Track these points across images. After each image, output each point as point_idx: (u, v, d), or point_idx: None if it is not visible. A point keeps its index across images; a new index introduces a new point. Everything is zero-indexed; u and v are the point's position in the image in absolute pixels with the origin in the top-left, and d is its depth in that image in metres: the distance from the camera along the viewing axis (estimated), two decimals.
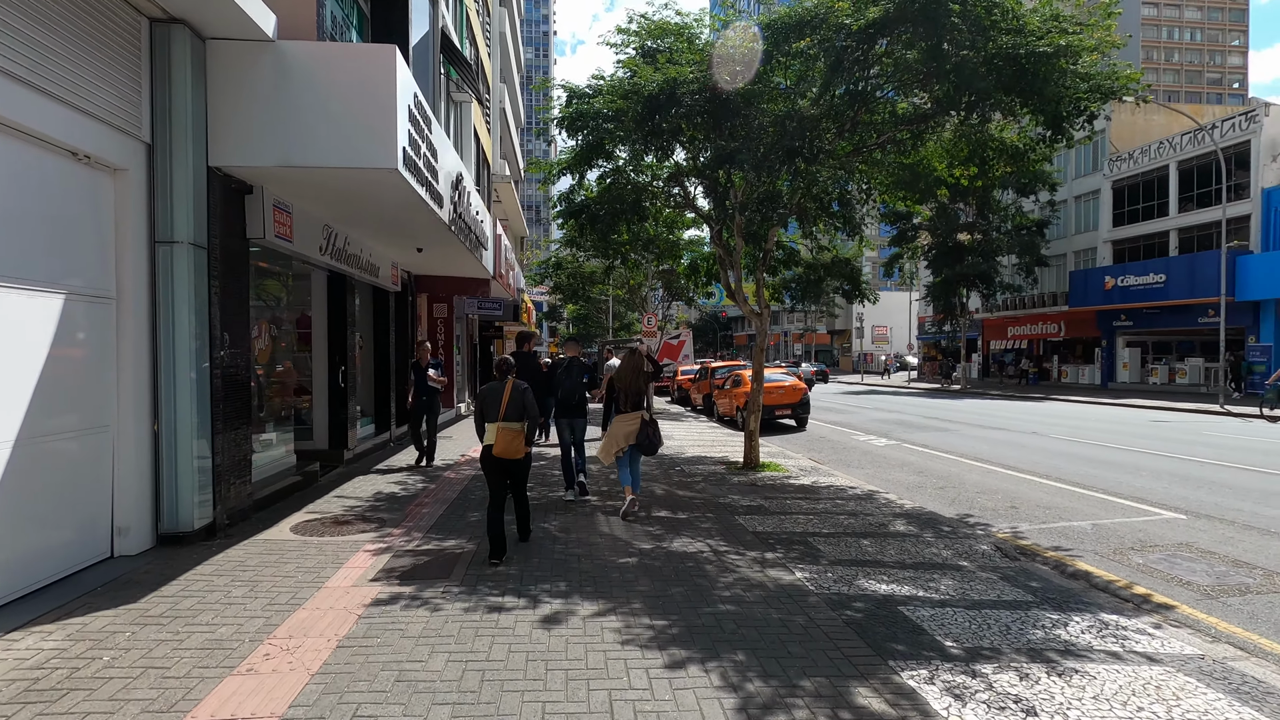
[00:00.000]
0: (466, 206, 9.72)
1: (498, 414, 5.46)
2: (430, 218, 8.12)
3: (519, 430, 5.49)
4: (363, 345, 11.13)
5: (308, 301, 9.48)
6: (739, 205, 8.78)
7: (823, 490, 8.72)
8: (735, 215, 8.93)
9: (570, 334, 62.95)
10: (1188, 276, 28.15)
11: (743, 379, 17.36)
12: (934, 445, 13.34)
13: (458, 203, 8.99)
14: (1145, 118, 35.46)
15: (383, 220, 8.64)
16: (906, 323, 55.96)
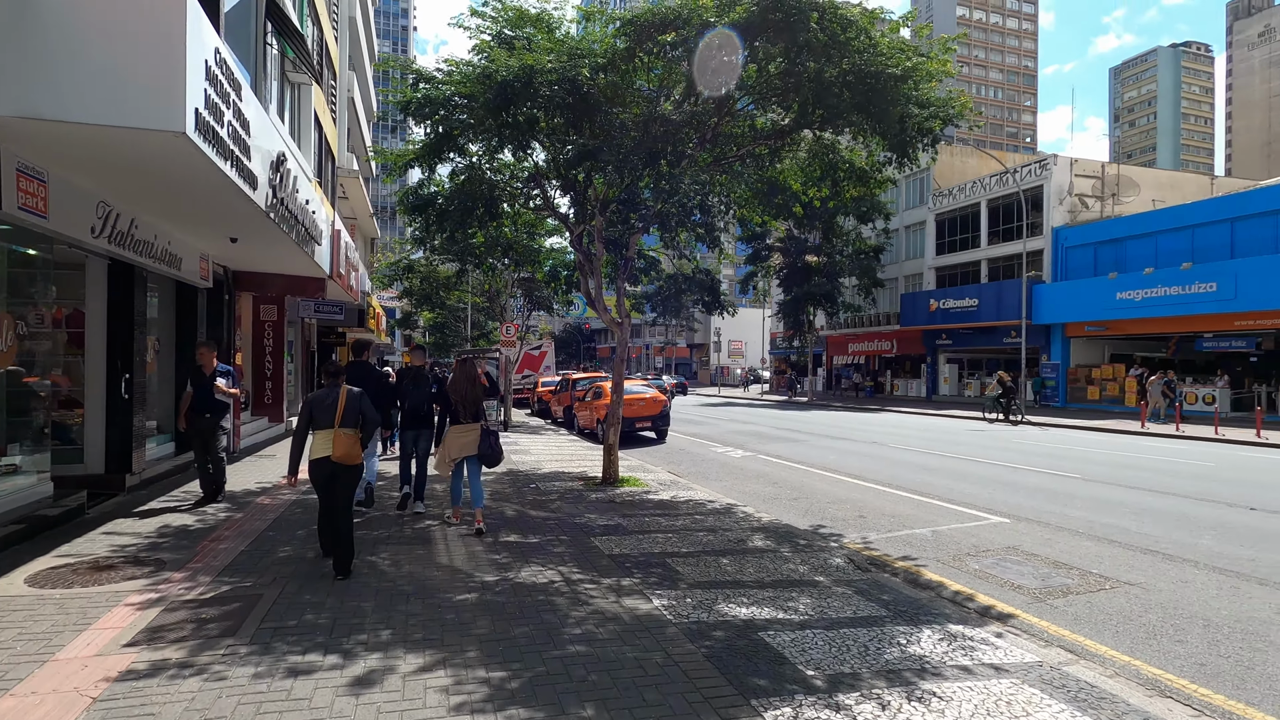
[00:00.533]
0: (292, 193, 8.53)
1: (333, 420, 5.30)
2: (241, 201, 6.95)
3: (355, 435, 5.39)
4: (159, 349, 9.46)
5: (81, 295, 7.83)
6: (599, 206, 8.38)
7: (682, 505, 8.47)
8: (596, 217, 8.52)
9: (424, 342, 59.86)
10: (995, 301, 31.76)
11: (603, 391, 17.00)
12: (787, 456, 13.70)
13: (279, 187, 7.83)
14: (962, 160, 39.92)
15: (181, 201, 7.31)
16: (760, 338, 58.83)
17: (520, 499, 8.62)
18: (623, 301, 9.79)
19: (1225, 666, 4.24)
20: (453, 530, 6.89)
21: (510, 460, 12.23)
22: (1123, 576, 5.92)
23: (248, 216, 7.77)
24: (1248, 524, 7.78)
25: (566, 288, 13.38)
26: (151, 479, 8.90)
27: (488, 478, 10.07)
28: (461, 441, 6.79)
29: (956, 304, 34.02)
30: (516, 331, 20.88)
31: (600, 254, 9.14)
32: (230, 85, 6.00)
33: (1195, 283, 23.99)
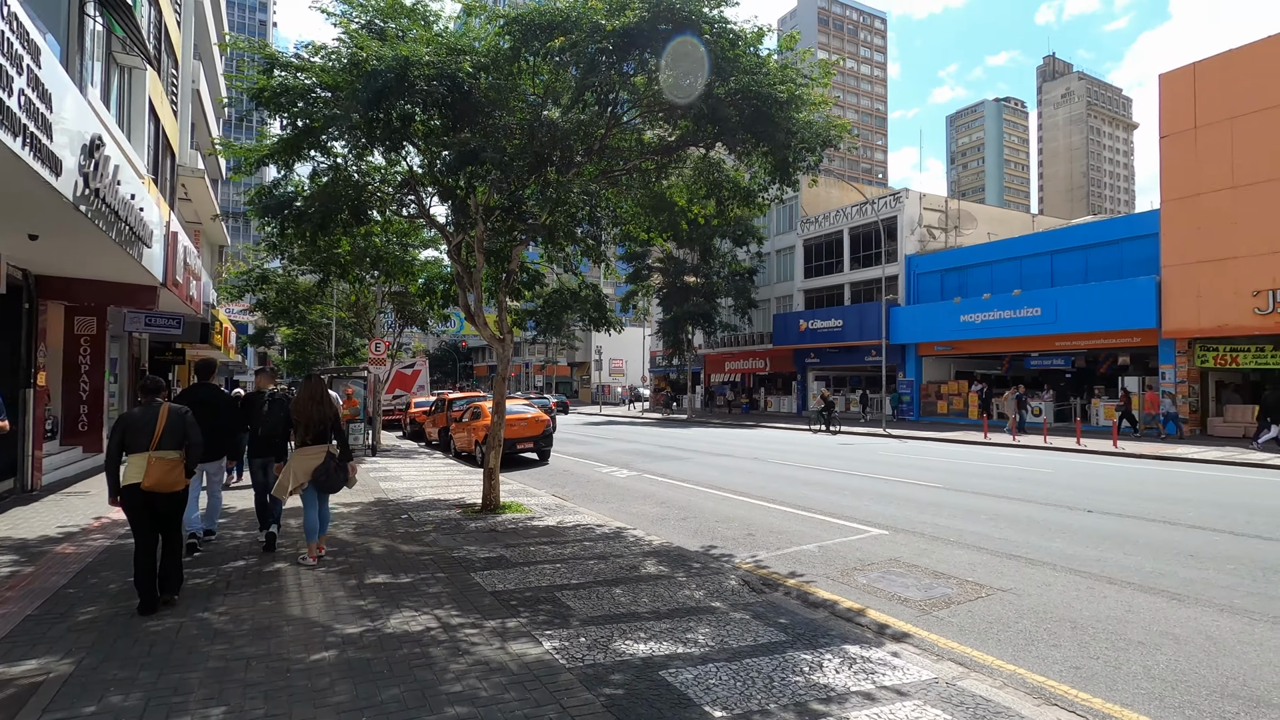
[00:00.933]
0: (112, 185, 7.30)
1: (150, 442, 4.80)
2: (40, 189, 5.79)
3: (177, 460, 4.91)
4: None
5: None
6: (481, 213, 7.84)
7: (569, 531, 8.03)
8: (477, 225, 7.97)
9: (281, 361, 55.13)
10: (858, 323, 33.99)
11: (482, 411, 16.20)
12: (672, 474, 13.61)
13: (93, 176, 6.64)
14: (826, 190, 42.64)
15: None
16: (640, 356, 59.45)
17: (390, 532, 7.80)
18: (504, 317, 9.26)
19: (1097, 668, 4.43)
20: (310, 572, 6.04)
21: (378, 489, 11.22)
22: (995, 583, 6.18)
23: (51, 209, 6.52)
24: (1088, 526, 8.51)
25: (443, 302, 12.51)
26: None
27: (350, 508, 9.15)
28: (306, 466, 6.24)
29: (823, 324, 36.06)
30: (387, 349, 19.51)
31: (480, 266, 8.57)
32: (25, 47, 4.97)
33: (1024, 307, 26.87)
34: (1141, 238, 24.42)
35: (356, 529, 7.89)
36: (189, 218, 27.07)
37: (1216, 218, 21.52)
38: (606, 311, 10.47)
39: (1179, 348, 22.82)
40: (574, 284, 10.63)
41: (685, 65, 6.64)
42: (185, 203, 24.60)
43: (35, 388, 10.01)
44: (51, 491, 10.15)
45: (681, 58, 6.31)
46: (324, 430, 6.38)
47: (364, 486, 11.44)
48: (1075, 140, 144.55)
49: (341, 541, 7.26)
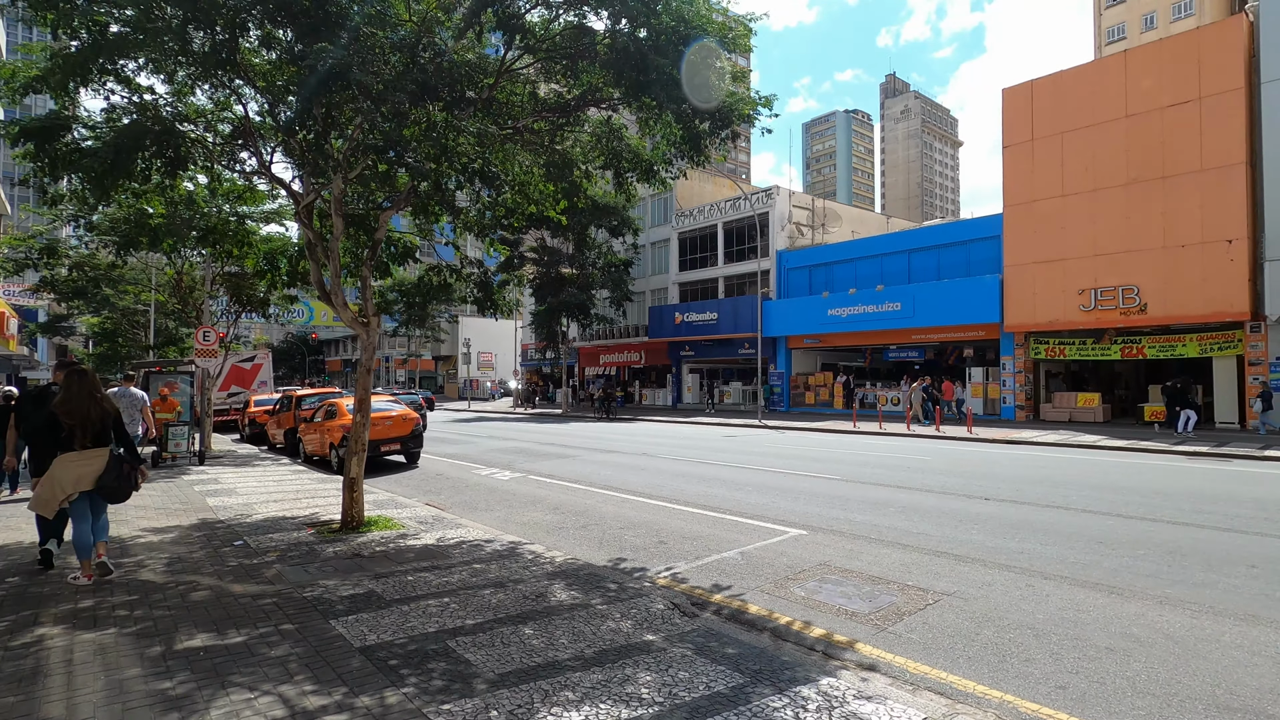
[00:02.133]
0: None
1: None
2: None
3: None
4: None
5: None
6: (342, 161, 6.30)
7: (453, 551, 6.74)
8: (336, 178, 6.42)
9: (86, 355, 47.44)
10: (732, 316, 34.49)
11: (338, 409, 14.18)
12: (561, 475, 12.50)
13: None
14: (700, 184, 43.04)
15: None
16: (511, 349, 57.32)
17: (217, 567, 6.10)
18: (368, 297, 7.70)
19: (1083, 686, 3.97)
20: (92, 632, 4.37)
21: (204, 507, 9.20)
22: (935, 586, 5.73)
23: None
24: (994, 515, 8.48)
25: (288, 280, 10.52)
26: None
27: (162, 537, 7.27)
28: (78, 473, 5.43)
29: (699, 317, 36.27)
30: (219, 339, 16.69)
31: (339, 232, 6.99)
32: None
33: (886, 302, 28.36)
34: (986, 239, 26.48)
35: (169, 565, 6.11)
36: None
37: (1049, 222, 23.68)
38: (494, 293, 9.14)
39: (1017, 340, 24.95)
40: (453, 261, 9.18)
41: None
42: None
43: None
44: None
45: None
46: (104, 430, 5.62)
47: (184, 505, 9.33)
48: (912, 153, 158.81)
49: (146, 585, 5.51)
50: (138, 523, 8.13)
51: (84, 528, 5.58)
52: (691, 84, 6.11)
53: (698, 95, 6.28)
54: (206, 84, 7.69)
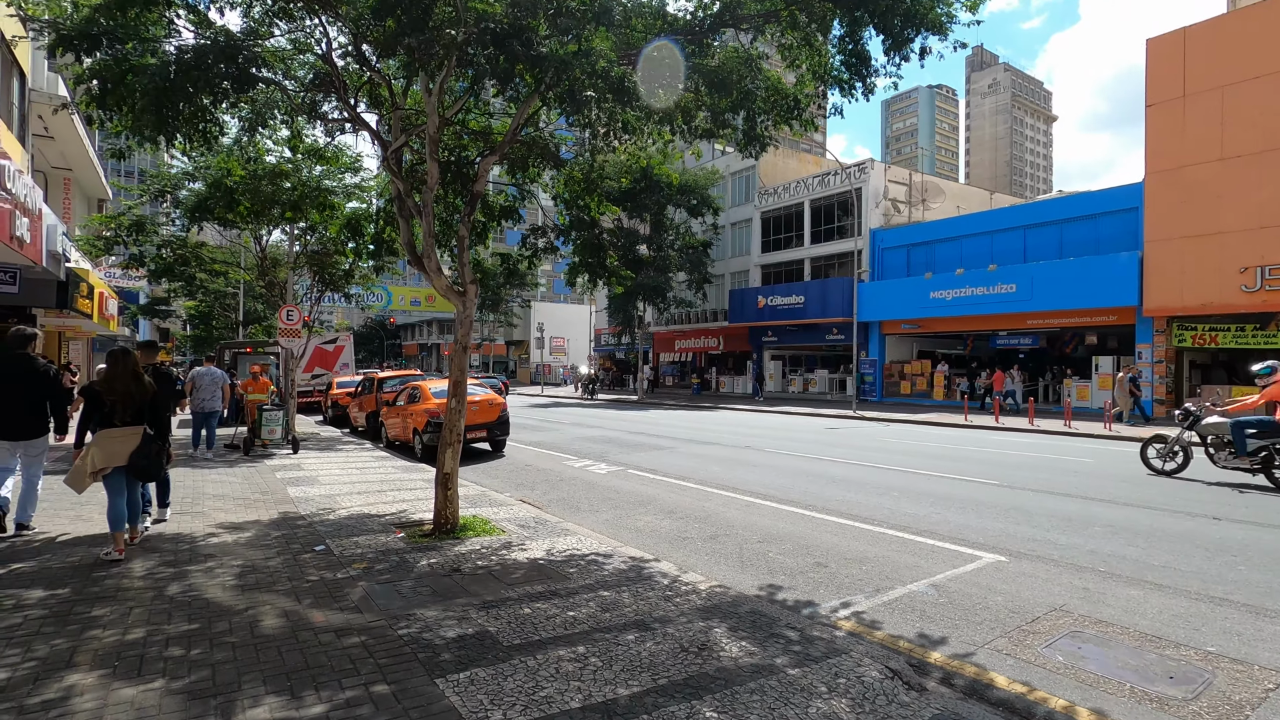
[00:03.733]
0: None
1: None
2: None
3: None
4: None
5: None
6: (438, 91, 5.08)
7: (570, 569, 5.49)
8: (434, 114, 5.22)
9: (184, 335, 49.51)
10: (820, 299, 32.37)
11: (422, 392, 13.33)
12: (663, 469, 11.19)
13: None
14: (784, 160, 40.82)
15: None
16: (584, 334, 56.72)
17: (295, 582, 5.05)
18: (465, 260, 6.52)
19: None
20: (134, 685, 3.30)
21: (285, 498, 8.33)
22: (1255, 656, 4.07)
23: None
24: (1241, 541, 6.61)
25: (372, 249, 9.54)
26: None
27: (239, 535, 6.33)
28: (113, 449, 5.50)
29: (784, 301, 34.30)
30: (302, 320, 16.19)
31: (434, 180, 5.81)
32: None
33: (998, 283, 25.72)
34: (1121, 212, 23.51)
35: (241, 577, 5.10)
36: (55, 162, 22.44)
37: (1202, 191, 20.62)
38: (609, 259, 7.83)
39: (1157, 326, 22.04)
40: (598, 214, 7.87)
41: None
42: (48, 141, 20.18)
43: None
44: None
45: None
46: (142, 409, 5.69)
47: (265, 495, 8.50)
48: (1000, 129, 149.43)
49: (211, 607, 4.48)
50: (214, 515, 7.30)
51: (119, 502, 5.58)
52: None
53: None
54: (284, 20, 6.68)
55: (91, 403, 5.57)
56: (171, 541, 6.12)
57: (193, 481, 9.24)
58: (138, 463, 5.54)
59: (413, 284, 68.30)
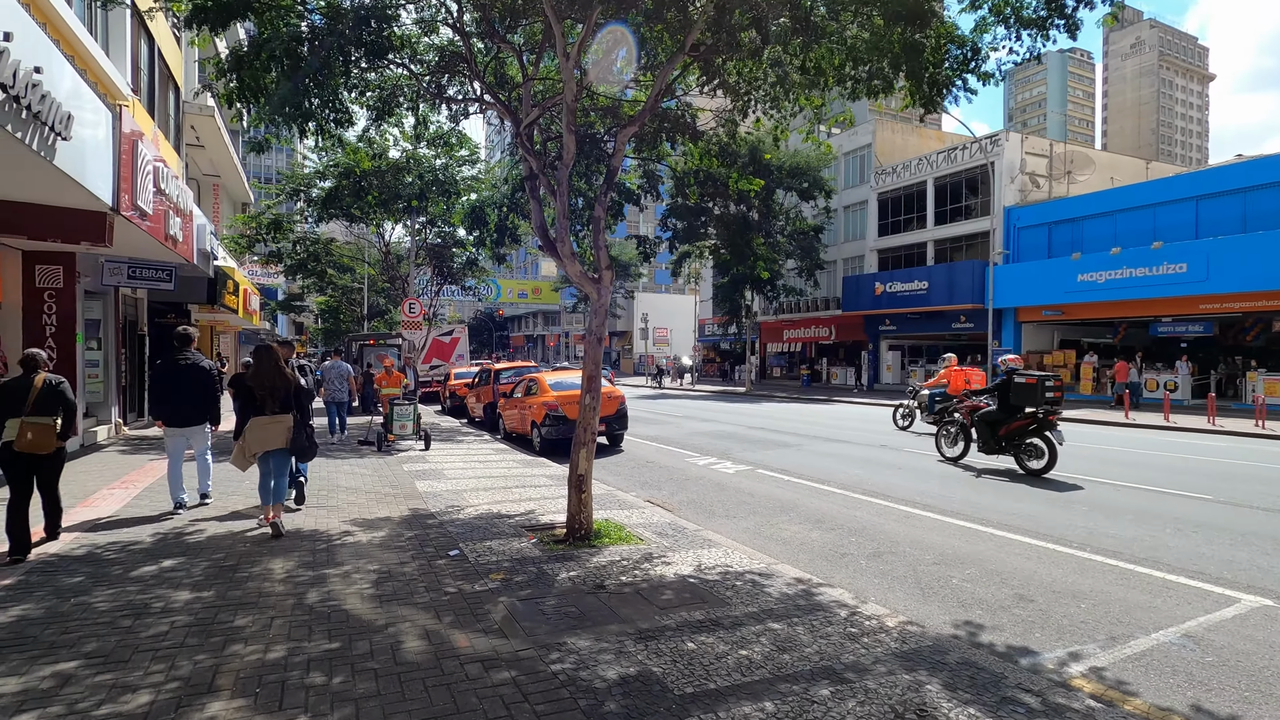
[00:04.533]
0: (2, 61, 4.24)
1: (23, 409, 5.25)
2: None
3: (49, 424, 5.35)
4: None
5: None
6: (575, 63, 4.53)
7: (725, 591, 4.82)
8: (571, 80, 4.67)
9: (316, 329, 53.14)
10: (946, 285, 29.97)
11: (539, 385, 13.11)
12: (796, 470, 10.32)
13: None
14: (903, 137, 38.22)
15: None
16: (687, 325, 56.12)
17: (433, 593, 4.69)
18: (601, 244, 5.97)
19: None
20: (273, 662, 2.96)
21: (414, 493, 8.19)
22: None
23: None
24: None
25: (496, 237, 9.27)
26: None
27: (373, 534, 6.11)
28: (265, 434, 6.15)
29: (904, 287, 32.08)
30: (422, 310, 16.49)
31: (570, 154, 5.29)
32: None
33: (1165, 263, 22.67)
34: None
35: (378, 585, 4.80)
36: (205, 170, 24.25)
37: None
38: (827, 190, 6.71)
39: None
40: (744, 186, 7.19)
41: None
42: (199, 149, 21.76)
43: None
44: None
45: None
46: (287, 398, 6.25)
47: (395, 490, 8.42)
48: (1145, 93, 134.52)
49: (350, 621, 4.16)
50: (349, 510, 7.21)
51: (267, 483, 6.22)
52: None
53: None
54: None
55: (244, 394, 6.23)
56: (309, 539, 6.00)
57: (326, 473, 9.35)
58: (296, 445, 6.23)
59: (519, 277, 70.18)
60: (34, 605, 4.26)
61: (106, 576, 4.84)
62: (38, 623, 3.99)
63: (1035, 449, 9.57)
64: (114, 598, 4.42)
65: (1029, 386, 9.55)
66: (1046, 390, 9.43)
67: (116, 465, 9.68)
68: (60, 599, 4.39)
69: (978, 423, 10.31)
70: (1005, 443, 9.90)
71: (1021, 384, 9.67)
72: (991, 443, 10.04)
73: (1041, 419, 9.47)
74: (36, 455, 5.30)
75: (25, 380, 5.34)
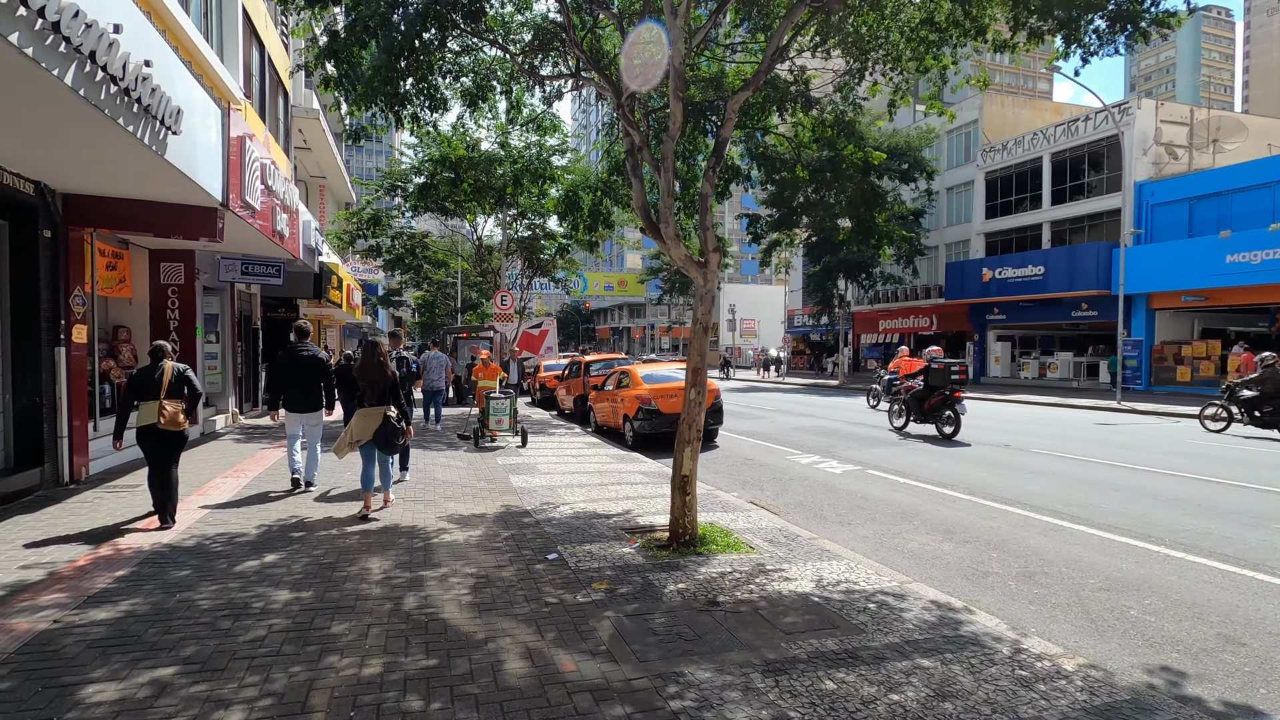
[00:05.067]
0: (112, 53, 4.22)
1: (159, 393, 5.83)
2: None
3: (180, 407, 5.91)
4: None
5: None
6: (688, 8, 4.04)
7: (856, 615, 4.22)
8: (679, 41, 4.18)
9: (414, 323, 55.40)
10: (1066, 269, 27.48)
11: (632, 378, 12.75)
12: (910, 471, 9.45)
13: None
14: (1014, 111, 35.45)
15: None
16: (775, 316, 54.65)
17: (534, 604, 4.34)
18: (708, 224, 5.45)
19: None
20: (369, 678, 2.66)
21: (508, 487, 7.98)
22: None
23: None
24: None
25: (590, 221, 8.92)
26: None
27: (470, 532, 5.87)
28: (365, 425, 6.48)
29: (1017, 273, 29.69)
30: (514, 303, 16.53)
31: (677, 123, 4.79)
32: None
33: None
34: None
35: (475, 591, 4.51)
36: (312, 171, 25.47)
37: None
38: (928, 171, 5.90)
39: None
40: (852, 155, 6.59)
41: None
42: (306, 152, 22.80)
43: (69, 346, 7.50)
44: (99, 483, 7.69)
45: None
46: (384, 392, 6.52)
47: (489, 484, 8.25)
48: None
49: (448, 634, 3.87)
50: (444, 504, 7.07)
51: (370, 470, 6.59)
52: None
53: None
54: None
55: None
56: (406, 535, 5.84)
57: (423, 465, 9.33)
58: (385, 437, 6.43)
59: (605, 269, 70.58)
60: (141, 600, 4.22)
61: (211, 572, 4.80)
62: (143, 619, 3.93)
63: (948, 418, 12.14)
64: (216, 595, 4.34)
65: (941, 371, 12.23)
66: (953, 374, 12.15)
67: (231, 454, 10.06)
68: (167, 594, 4.34)
69: (910, 399, 12.87)
70: (928, 415, 12.48)
71: (936, 370, 12.34)
72: (919, 415, 12.63)
73: (948, 396, 12.11)
74: (168, 434, 5.86)
75: (155, 368, 5.91)
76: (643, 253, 67.01)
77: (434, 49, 5.55)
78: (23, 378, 7.06)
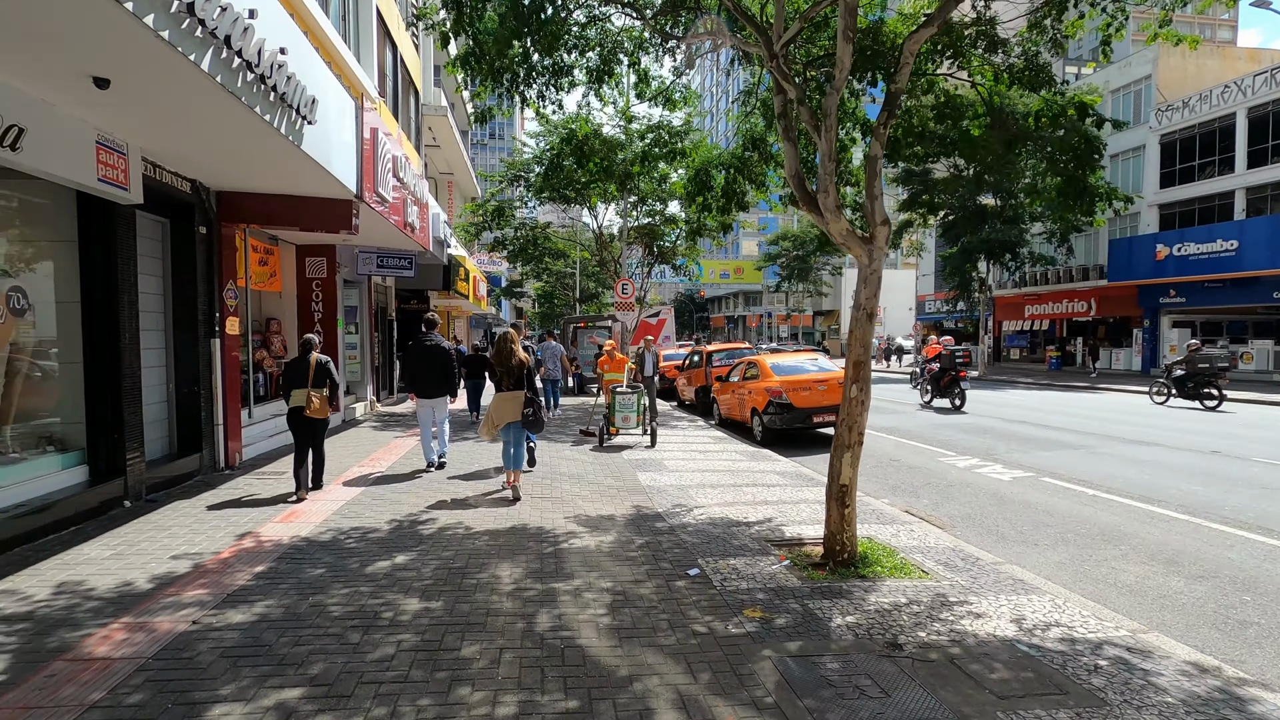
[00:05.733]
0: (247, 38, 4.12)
1: (306, 382, 6.51)
2: None
3: (324, 395, 6.62)
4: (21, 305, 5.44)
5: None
6: None
7: (1088, 677, 3.32)
8: None
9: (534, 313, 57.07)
10: (1269, 243, 23.48)
11: (760, 369, 11.97)
12: (1099, 482, 8.06)
13: None
14: (1197, 62, 30.80)
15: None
16: (903, 302, 51.35)
17: (678, 626, 3.80)
18: (876, 193, 4.64)
19: None
20: None
21: (638, 487, 7.52)
22: None
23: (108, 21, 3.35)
24: None
25: (723, 201, 8.24)
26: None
27: (601, 537, 5.41)
28: (504, 408, 6.89)
29: (1201, 249, 25.79)
30: (634, 291, 16.17)
31: (844, 69, 4.02)
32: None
33: None
34: None
35: (613, 612, 4.03)
36: (441, 168, 26.44)
37: None
38: None
39: None
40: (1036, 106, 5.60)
41: None
42: (435, 150, 23.64)
43: (223, 337, 7.83)
44: (250, 469, 8.03)
45: None
46: (520, 378, 6.89)
47: (617, 481, 7.83)
48: None
49: (588, 664, 3.39)
50: (572, 503, 6.72)
51: (508, 451, 6.96)
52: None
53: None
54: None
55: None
56: (535, 539, 5.49)
57: (549, 459, 9.10)
58: (529, 417, 6.81)
59: (719, 257, 69.39)
60: (275, 602, 4.09)
61: (344, 572, 4.65)
62: (275, 626, 3.76)
63: (956, 394, 15.30)
64: (347, 600, 4.14)
65: (948, 355, 15.65)
66: (956, 358, 15.59)
67: (368, 441, 10.34)
68: (300, 595, 4.20)
69: (931, 379, 16.01)
70: (943, 392, 15.49)
71: (945, 354, 15.77)
72: (935, 392, 15.77)
73: (954, 376, 15.36)
74: (314, 419, 6.54)
75: (304, 360, 6.55)
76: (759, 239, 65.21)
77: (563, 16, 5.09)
78: (183, 368, 7.42)
